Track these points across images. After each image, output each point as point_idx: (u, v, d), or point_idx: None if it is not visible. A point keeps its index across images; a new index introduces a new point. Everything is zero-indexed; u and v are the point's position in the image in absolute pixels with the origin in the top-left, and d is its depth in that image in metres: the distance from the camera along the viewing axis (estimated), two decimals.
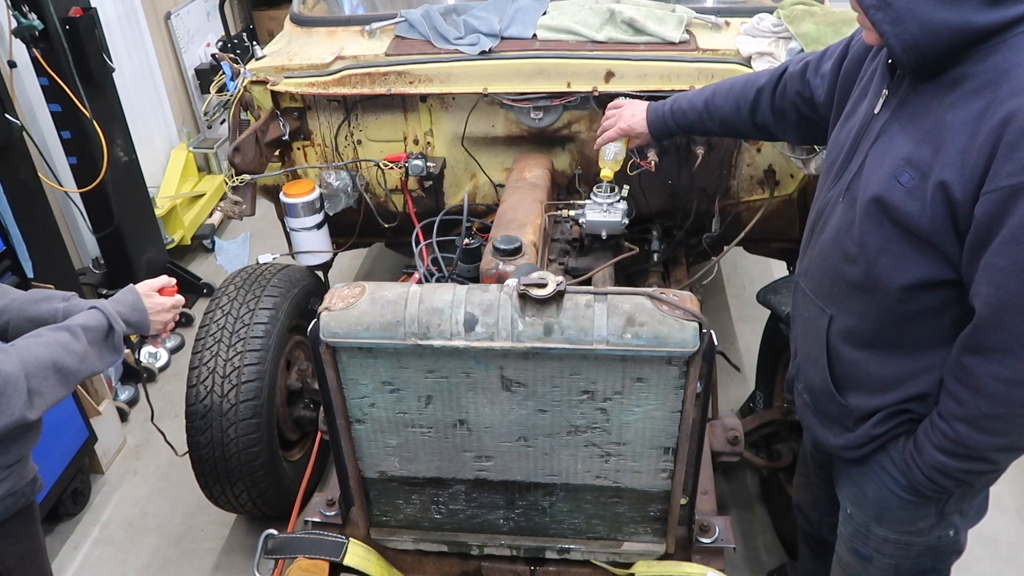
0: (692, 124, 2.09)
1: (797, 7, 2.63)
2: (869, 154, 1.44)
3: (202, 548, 2.89)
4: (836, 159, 1.56)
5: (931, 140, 1.31)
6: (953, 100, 1.29)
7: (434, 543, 1.88)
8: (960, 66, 1.29)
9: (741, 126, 2.00)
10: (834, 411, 1.63)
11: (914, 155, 1.33)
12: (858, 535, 1.70)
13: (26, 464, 1.75)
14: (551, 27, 2.78)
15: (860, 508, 1.67)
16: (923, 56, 1.29)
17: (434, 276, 2.46)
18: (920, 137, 1.33)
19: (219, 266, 4.62)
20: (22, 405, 1.50)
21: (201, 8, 5.29)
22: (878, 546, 1.66)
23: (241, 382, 2.44)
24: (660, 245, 3.00)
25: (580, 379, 1.54)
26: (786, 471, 2.70)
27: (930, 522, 1.59)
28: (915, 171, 1.32)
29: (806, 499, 2.09)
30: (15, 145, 3.06)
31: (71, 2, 3.34)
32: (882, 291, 1.43)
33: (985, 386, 1.32)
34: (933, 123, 1.31)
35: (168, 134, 4.87)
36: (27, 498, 1.76)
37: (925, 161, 1.31)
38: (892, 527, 1.62)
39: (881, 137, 1.43)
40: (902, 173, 1.34)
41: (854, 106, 1.57)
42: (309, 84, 2.74)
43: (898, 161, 1.35)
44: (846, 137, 1.54)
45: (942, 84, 1.32)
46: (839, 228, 1.51)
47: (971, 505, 1.60)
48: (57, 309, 1.75)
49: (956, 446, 1.40)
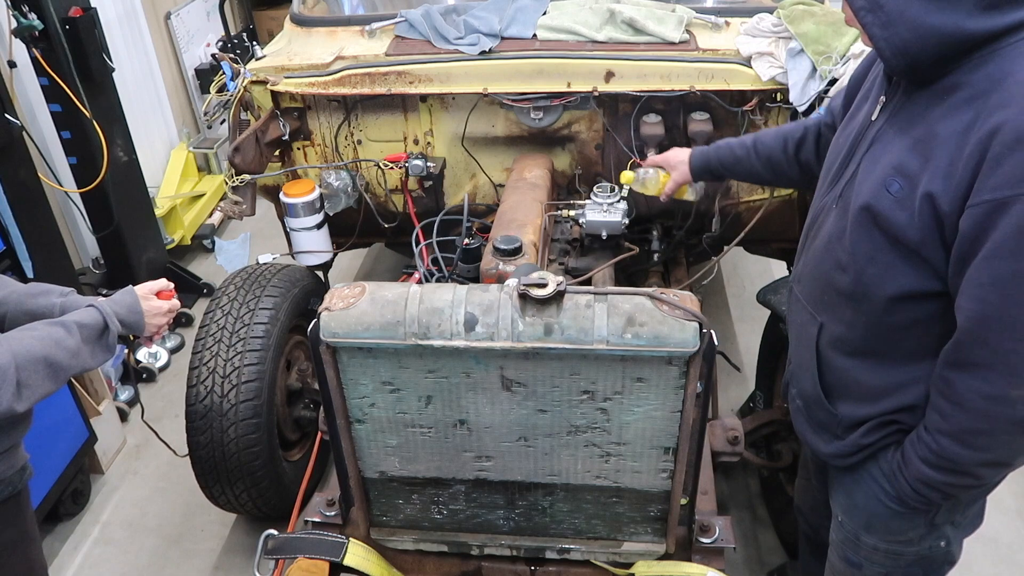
0: (736, 160, 2.03)
1: (797, 7, 2.63)
2: (863, 161, 1.43)
3: (202, 548, 2.88)
4: (832, 164, 1.55)
5: (921, 149, 1.29)
6: (945, 110, 1.27)
7: (434, 543, 1.88)
8: (953, 75, 1.27)
9: (786, 165, 1.94)
10: (824, 418, 1.62)
11: (904, 164, 1.31)
12: (848, 543, 1.69)
13: (15, 453, 1.75)
14: (551, 27, 2.78)
15: (850, 516, 1.66)
16: (914, 61, 1.27)
17: (434, 276, 2.46)
18: (911, 146, 1.31)
19: (219, 266, 4.62)
20: (10, 397, 1.50)
21: (201, 8, 5.29)
22: (868, 554, 1.65)
23: (241, 382, 2.44)
24: (660, 245, 3.00)
25: (580, 379, 1.54)
26: (786, 471, 2.70)
27: (920, 532, 1.57)
28: (904, 180, 1.30)
29: (806, 501, 2.09)
30: (15, 145, 3.06)
31: (71, 2, 3.34)
32: (870, 301, 1.42)
33: (967, 401, 1.31)
34: (924, 132, 1.30)
35: (168, 134, 4.87)
36: (15, 486, 1.76)
37: (914, 171, 1.29)
38: (881, 536, 1.61)
39: (875, 144, 1.41)
40: (892, 182, 1.32)
41: (855, 111, 1.56)
42: (309, 84, 2.74)
43: (888, 170, 1.33)
44: (843, 142, 1.53)
45: (935, 92, 1.30)
46: (831, 235, 1.49)
47: (964, 516, 1.59)
48: (55, 304, 1.76)
49: (940, 459, 1.38)
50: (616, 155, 2.84)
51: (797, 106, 2.55)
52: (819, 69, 2.50)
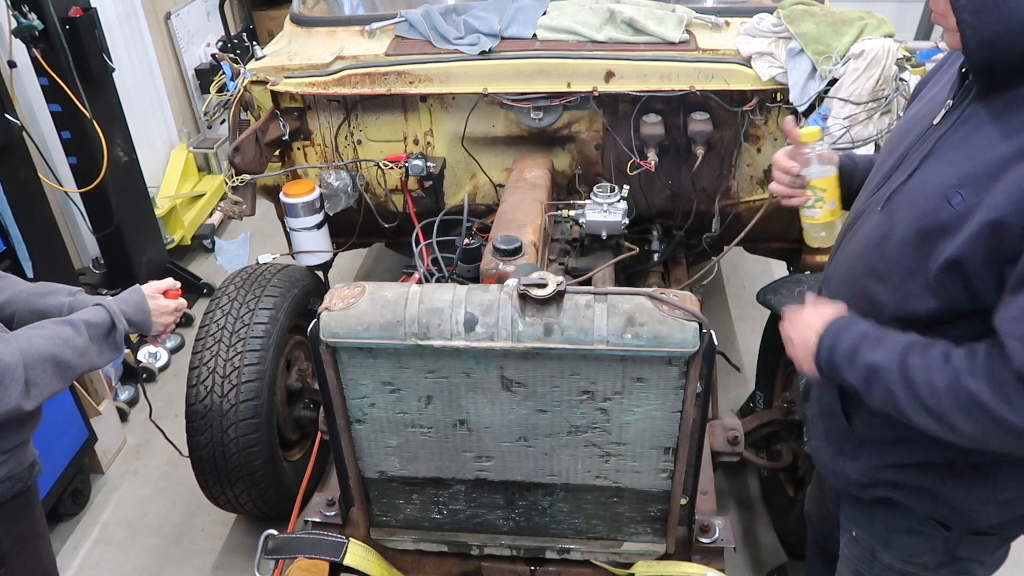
0: None
1: (797, 7, 2.63)
2: (921, 167, 1.32)
3: (202, 548, 2.88)
4: (883, 166, 1.46)
5: (989, 162, 1.19)
6: (1021, 121, 1.18)
7: (434, 543, 1.88)
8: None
9: None
10: (835, 429, 1.57)
11: (969, 176, 1.21)
12: (863, 558, 1.64)
13: (25, 449, 1.76)
14: (551, 27, 2.78)
15: (867, 531, 1.62)
16: (996, 57, 1.18)
17: (434, 276, 2.46)
18: (977, 157, 1.22)
19: (219, 266, 4.62)
20: (19, 395, 1.51)
21: (201, 8, 5.29)
22: (881, 572, 1.61)
23: (241, 382, 2.44)
24: (660, 245, 3.00)
25: (580, 379, 1.54)
26: (786, 471, 2.70)
27: (936, 559, 1.52)
28: (969, 192, 1.20)
29: (818, 512, 2.04)
30: (15, 145, 3.06)
31: (71, 2, 3.34)
32: (904, 315, 1.33)
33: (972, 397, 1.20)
34: (994, 143, 1.20)
35: (168, 134, 4.87)
36: (25, 482, 1.77)
37: (980, 184, 1.19)
38: (898, 555, 1.57)
39: (936, 151, 1.31)
40: (954, 194, 1.22)
41: (916, 112, 1.46)
42: (309, 84, 2.74)
43: (952, 180, 1.23)
44: (898, 144, 1.43)
45: (1013, 101, 1.21)
46: (868, 241, 1.40)
47: (993, 556, 1.53)
48: (63, 303, 1.77)
49: (900, 379, 1.27)
50: (616, 155, 2.84)
51: (797, 106, 2.55)
52: (819, 69, 2.50)
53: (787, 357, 1.62)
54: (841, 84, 2.47)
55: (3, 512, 1.74)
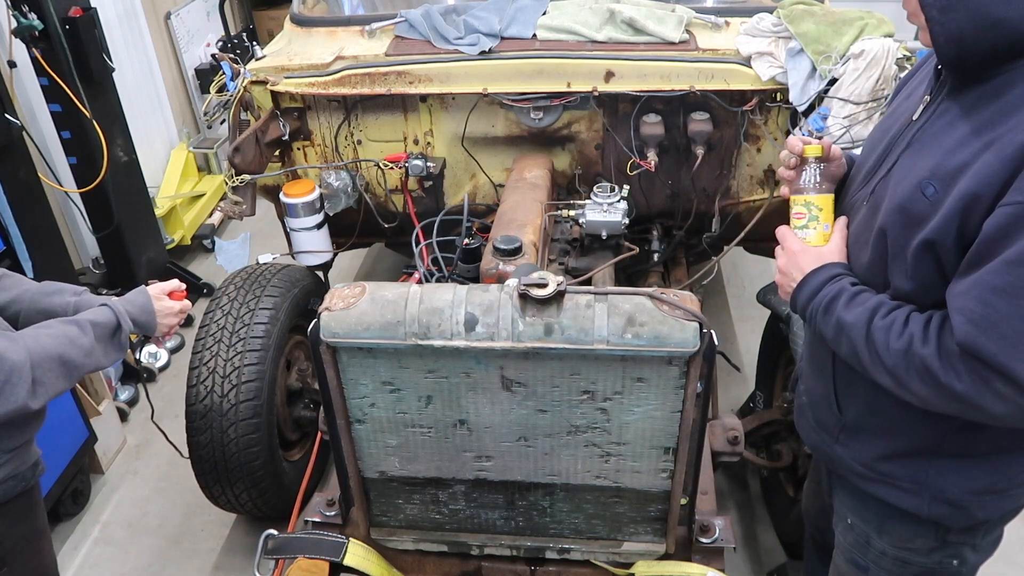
0: None
1: (797, 7, 2.63)
2: (900, 160, 1.38)
3: (202, 548, 2.88)
4: (867, 161, 1.51)
5: (962, 153, 1.23)
6: (991, 113, 1.22)
7: (434, 543, 1.88)
8: (1007, 75, 1.21)
9: None
10: (827, 418, 1.61)
11: (941, 167, 1.25)
12: (858, 546, 1.67)
13: (28, 449, 1.76)
14: (551, 27, 2.78)
15: (862, 518, 1.64)
16: (964, 52, 1.21)
17: (434, 276, 2.46)
18: (951, 149, 1.25)
19: (219, 266, 4.62)
20: (25, 394, 1.52)
21: (201, 8, 5.29)
22: (876, 558, 1.64)
23: (241, 382, 2.44)
24: (660, 245, 3.00)
25: (580, 379, 1.54)
26: (786, 471, 2.70)
27: (929, 543, 1.55)
28: (940, 184, 1.24)
29: (815, 505, 2.06)
30: (15, 145, 3.06)
31: (71, 2, 3.34)
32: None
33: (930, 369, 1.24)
34: (966, 135, 1.24)
35: (168, 134, 4.87)
36: (28, 482, 1.77)
37: (952, 174, 1.23)
38: (892, 540, 1.60)
39: (914, 145, 1.36)
40: (927, 185, 1.26)
41: (896, 109, 1.51)
42: (309, 84, 2.74)
43: (925, 172, 1.28)
44: (880, 139, 1.48)
45: (984, 94, 1.24)
46: (857, 235, 1.45)
47: (985, 540, 1.57)
48: (69, 303, 1.78)
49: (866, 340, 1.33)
50: (616, 155, 2.84)
51: (797, 106, 2.55)
52: (819, 69, 2.50)
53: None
54: (841, 84, 2.47)
55: (6, 512, 1.74)
